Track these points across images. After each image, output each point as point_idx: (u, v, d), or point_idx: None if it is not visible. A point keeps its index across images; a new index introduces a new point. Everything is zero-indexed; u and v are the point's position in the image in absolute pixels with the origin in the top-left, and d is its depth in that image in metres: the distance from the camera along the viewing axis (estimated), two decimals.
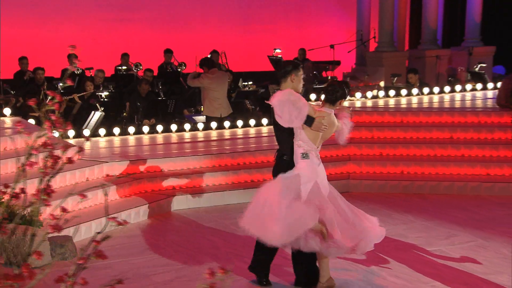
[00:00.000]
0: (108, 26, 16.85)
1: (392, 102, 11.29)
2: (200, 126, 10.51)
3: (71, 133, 9.45)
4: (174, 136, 10.16)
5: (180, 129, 10.40)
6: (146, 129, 10.20)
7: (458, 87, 12.22)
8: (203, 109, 11.06)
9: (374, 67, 14.51)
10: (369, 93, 11.58)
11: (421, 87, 12.04)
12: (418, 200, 8.58)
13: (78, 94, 11.86)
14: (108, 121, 11.04)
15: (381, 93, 11.67)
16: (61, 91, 12.43)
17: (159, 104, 11.89)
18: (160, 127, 10.26)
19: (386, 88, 12.04)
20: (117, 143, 9.61)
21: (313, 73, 14.50)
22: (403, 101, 11.34)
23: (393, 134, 9.79)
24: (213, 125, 10.51)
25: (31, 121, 9.35)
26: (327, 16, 19.00)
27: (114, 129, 10.00)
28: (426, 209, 8.15)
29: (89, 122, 10.25)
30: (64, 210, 3.14)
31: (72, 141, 9.18)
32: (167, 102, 11.87)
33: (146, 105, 11.65)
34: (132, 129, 10.09)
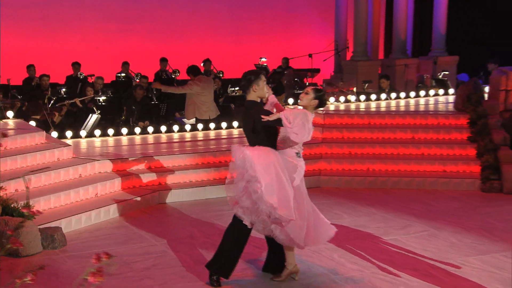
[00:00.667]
0: (110, 37, 16.89)
1: (362, 106, 11.30)
2: (188, 128, 10.52)
3: (69, 134, 9.46)
4: (164, 137, 10.17)
5: (169, 130, 10.41)
6: (138, 130, 10.21)
7: (423, 93, 12.25)
8: (186, 113, 11.00)
9: (350, 75, 14.48)
10: (342, 98, 11.60)
11: (390, 93, 12.07)
12: (381, 194, 8.61)
13: (80, 99, 11.90)
14: (106, 123, 11.04)
15: (353, 98, 11.69)
16: (64, 96, 12.47)
17: (152, 108, 11.90)
18: (151, 128, 10.28)
19: (358, 93, 12.04)
20: (111, 143, 9.61)
21: (295, 80, 14.54)
22: (373, 105, 11.35)
23: (361, 135, 9.81)
24: (200, 127, 10.54)
25: (32, 123, 9.34)
26: (310, 28, 19.07)
27: (108, 130, 10.01)
28: (388, 203, 8.18)
29: (87, 124, 10.26)
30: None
31: (70, 141, 9.21)
32: (159, 106, 11.89)
33: (141, 109, 11.66)
34: (125, 130, 10.10)
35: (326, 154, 9.50)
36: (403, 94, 12.03)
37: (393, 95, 11.94)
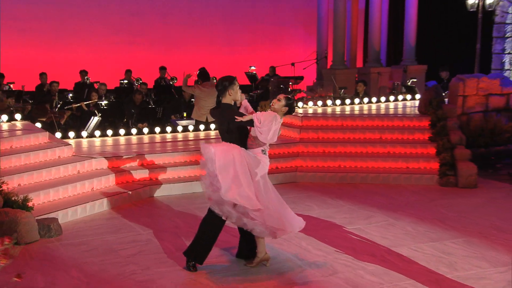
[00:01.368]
0: (115, 47, 16.95)
1: (338, 110, 11.30)
2: (180, 129, 10.53)
3: (71, 134, 9.46)
4: (157, 137, 10.16)
5: (163, 131, 10.41)
6: (134, 131, 10.21)
7: (392, 98, 12.26)
8: (193, 113, 10.95)
9: (329, 81, 14.51)
10: (320, 102, 11.60)
11: (363, 97, 12.07)
12: (350, 189, 8.62)
13: (85, 103, 11.93)
14: (108, 125, 11.04)
15: (329, 102, 11.70)
16: (71, 100, 12.48)
17: (150, 111, 11.91)
18: (146, 129, 10.28)
19: (334, 98, 12.04)
20: (109, 143, 9.61)
21: (280, 86, 14.54)
22: (347, 109, 11.35)
23: (334, 135, 9.81)
24: (191, 128, 10.55)
25: (38, 125, 9.33)
26: (296, 40, 19.14)
27: (107, 131, 10.01)
28: (355, 196, 8.19)
29: (89, 126, 10.26)
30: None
31: (72, 141, 9.21)
32: (156, 110, 11.89)
33: (139, 112, 11.68)
34: (123, 131, 10.10)
35: (303, 153, 9.50)
36: (375, 99, 12.04)
37: (366, 100, 11.95)
